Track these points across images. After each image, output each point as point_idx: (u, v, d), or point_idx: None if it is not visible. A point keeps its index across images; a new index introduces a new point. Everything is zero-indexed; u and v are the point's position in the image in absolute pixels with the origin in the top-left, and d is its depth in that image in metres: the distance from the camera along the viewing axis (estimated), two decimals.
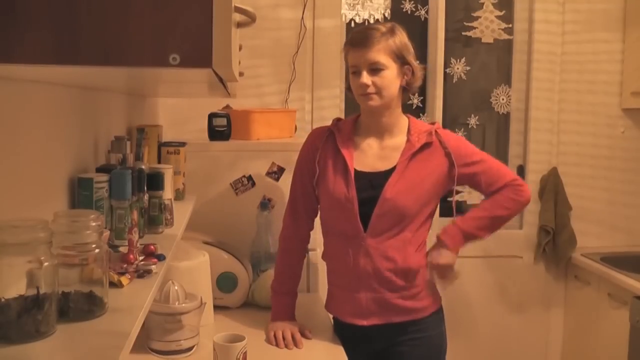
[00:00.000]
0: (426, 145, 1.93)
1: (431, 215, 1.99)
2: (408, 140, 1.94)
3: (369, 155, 1.96)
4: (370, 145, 1.97)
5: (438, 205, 2.02)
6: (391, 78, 1.88)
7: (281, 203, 2.39)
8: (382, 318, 1.94)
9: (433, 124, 2.01)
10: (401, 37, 1.90)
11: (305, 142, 2.06)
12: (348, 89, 1.99)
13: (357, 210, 1.89)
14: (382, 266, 1.90)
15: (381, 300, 1.93)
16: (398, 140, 1.96)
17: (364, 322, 1.94)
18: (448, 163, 1.93)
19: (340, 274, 1.98)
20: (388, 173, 1.91)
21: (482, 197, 2.06)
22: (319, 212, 2.05)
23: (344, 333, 2.01)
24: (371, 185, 1.91)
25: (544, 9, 3.29)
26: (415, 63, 1.92)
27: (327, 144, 1.98)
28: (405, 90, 1.95)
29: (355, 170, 1.92)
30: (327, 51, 3.14)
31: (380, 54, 1.85)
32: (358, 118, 2.03)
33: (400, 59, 1.88)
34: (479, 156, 2.00)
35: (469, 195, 3.32)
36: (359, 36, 1.89)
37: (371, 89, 1.87)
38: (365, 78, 1.86)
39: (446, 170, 1.94)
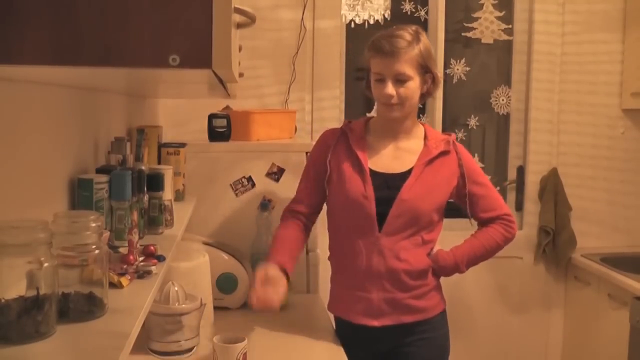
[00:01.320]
0: (442, 153, 1.95)
1: (441, 219, 2.01)
2: (425, 146, 1.96)
3: (383, 155, 1.97)
4: (384, 146, 1.98)
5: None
6: (414, 88, 1.90)
7: (281, 204, 2.39)
8: (393, 318, 1.94)
9: (449, 135, 2.03)
10: (425, 43, 1.91)
11: (316, 143, 2.07)
12: (367, 88, 1.98)
13: (374, 208, 1.90)
14: (395, 266, 1.90)
15: (393, 301, 1.93)
16: (413, 143, 1.98)
17: (375, 323, 1.93)
18: (459, 174, 1.97)
19: (350, 274, 1.96)
20: (404, 175, 1.93)
21: None
22: (328, 214, 2.04)
23: (349, 334, 2.00)
24: (387, 185, 1.92)
25: (544, 9, 3.29)
26: (436, 70, 1.94)
27: (338, 144, 1.99)
28: (423, 96, 1.97)
29: (370, 169, 1.94)
30: (327, 52, 3.15)
31: (406, 66, 1.86)
32: (369, 120, 2.04)
33: (424, 68, 1.90)
34: (485, 180, 2.05)
35: None
36: (386, 44, 1.86)
37: (395, 100, 1.88)
38: (391, 89, 1.87)
39: (456, 181, 1.97)
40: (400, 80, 1.87)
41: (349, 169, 1.94)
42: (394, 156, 1.97)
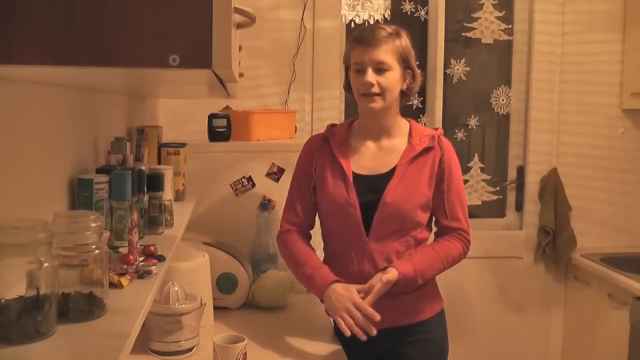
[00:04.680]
0: (427, 150, 1.91)
1: (431, 217, 1.97)
2: (409, 143, 1.93)
3: (367, 157, 1.94)
4: (367, 147, 1.95)
5: None
6: (395, 80, 1.88)
7: (281, 204, 2.39)
8: (388, 322, 1.91)
9: (436, 129, 2.00)
10: (406, 41, 1.91)
11: (301, 152, 2.04)
12: (346, 88, 1.98)
13: (359, 214, 1.88)
14: None
15: (387, 304, 1.89)
16: (396, 142, 1.95)
17: None
18: (438, 169, 1.91)
19: (343, 279, 1.93)
20: (387, 176, 1.90)
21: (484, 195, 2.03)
22: (320, 219, 2.02)
23: (346, 337, 1.99)
24: (370, 188, 1.89)
25: (544, 9, 3.29)
26: (416, 69, 1.93)
27: (322, 150, 1.97)
28: (404, 94, 1.94)
29: (353, 173, 1.91)
30: (327, 52, 3.15)
31: (387, 54, 1.85)
32: (353, 122, 2.02)
33: (404, 62, 1.89)
34: (461, 186, 1.97)
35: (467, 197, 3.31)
36: (367, 34, 1.88)
37: (375, 89, 1.86)
38: (370, 77, 1.85)
39: (435, 176, 1.91)
40: (381, 69, 1.86)
41: (332, 176, 1.92)
42: (377, 157, 1.94)
